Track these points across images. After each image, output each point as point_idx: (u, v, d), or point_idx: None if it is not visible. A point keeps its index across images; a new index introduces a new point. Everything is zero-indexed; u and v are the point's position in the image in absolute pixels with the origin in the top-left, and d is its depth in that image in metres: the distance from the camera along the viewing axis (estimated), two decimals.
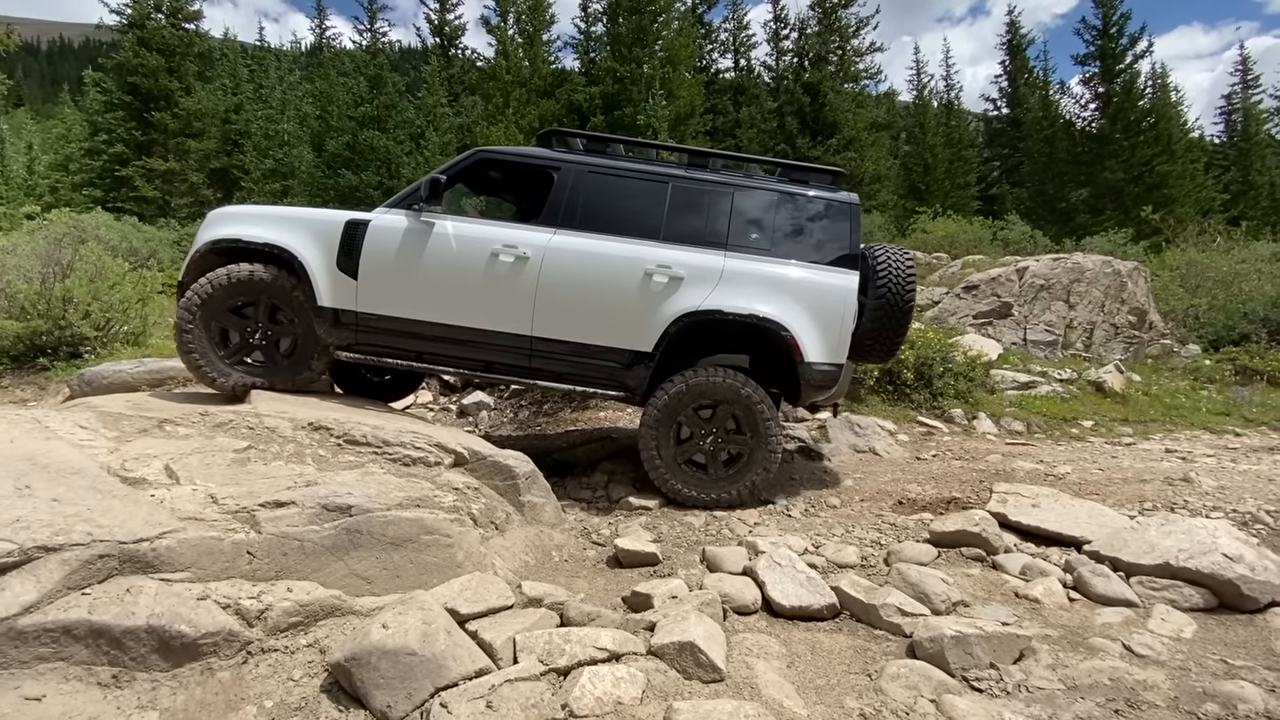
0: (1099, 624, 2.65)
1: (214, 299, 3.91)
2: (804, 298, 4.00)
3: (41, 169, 26.30)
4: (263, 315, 4.04)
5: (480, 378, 4.09)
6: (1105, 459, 5.33)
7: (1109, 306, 9.86)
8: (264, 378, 3.99)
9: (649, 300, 3.96)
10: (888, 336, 4.36)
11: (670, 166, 4.32)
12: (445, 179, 4.04)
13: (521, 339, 3.98)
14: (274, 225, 4.05)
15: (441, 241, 3.98)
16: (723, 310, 3.92)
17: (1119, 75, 24.42)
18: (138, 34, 22.00)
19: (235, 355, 4.01)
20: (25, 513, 2.13)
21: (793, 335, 3.92)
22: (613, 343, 4.00)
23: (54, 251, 7.84)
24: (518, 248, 3.96)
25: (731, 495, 4.01)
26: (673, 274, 3.96)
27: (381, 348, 4.06)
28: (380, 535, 2.59)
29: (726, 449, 4.08)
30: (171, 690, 1.96)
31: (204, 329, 3.91)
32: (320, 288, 3.96)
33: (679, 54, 21.88)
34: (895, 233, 17.91)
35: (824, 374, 4.01)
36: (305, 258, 3.95)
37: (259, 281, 3.94)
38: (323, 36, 32.72)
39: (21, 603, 1.89)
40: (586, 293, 3.97)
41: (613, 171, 4.19)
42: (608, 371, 4.04)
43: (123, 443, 3.02)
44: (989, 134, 33.93)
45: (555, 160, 4.22)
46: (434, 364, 4.10)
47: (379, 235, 3.99)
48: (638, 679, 2.03)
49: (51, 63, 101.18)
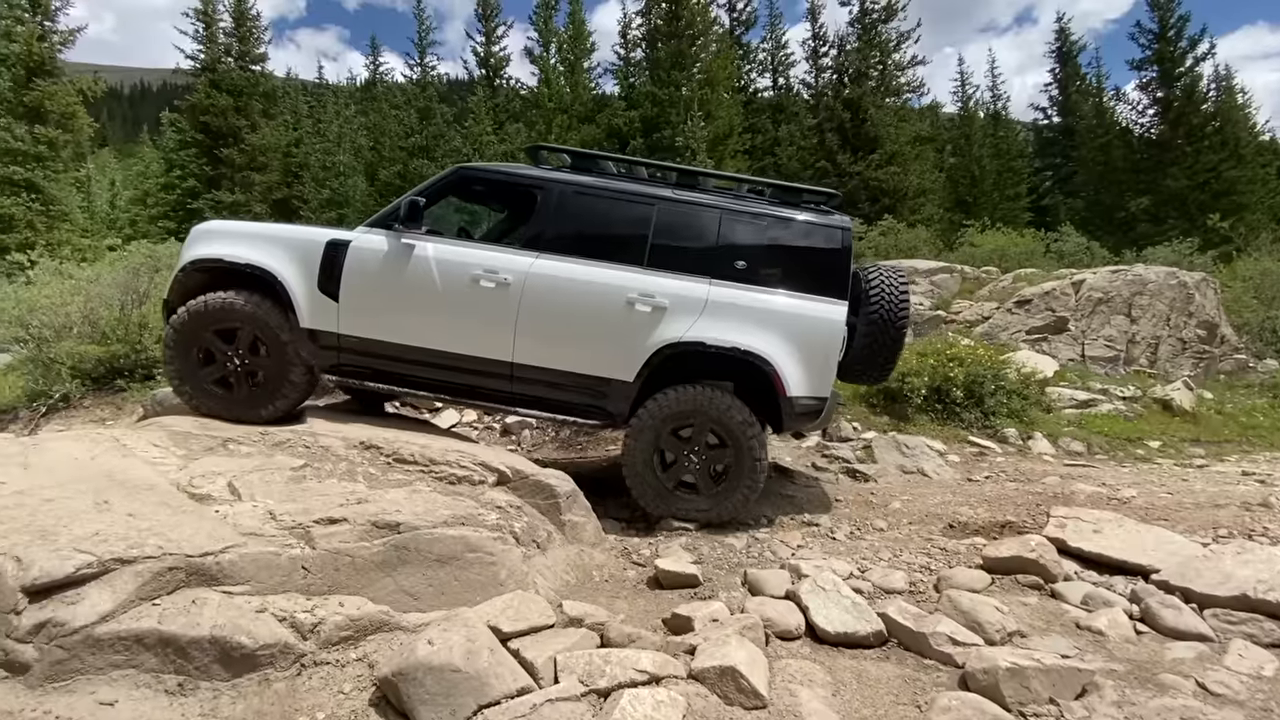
0: (1169, 659, 2.49)
1: (189, 326, 3.83)
2: (790, 330, 3.90)
3: (122, 204, 28.35)
4: (242, 344, 3.88)
5: (462, 403, 4.01)
6: (1174, 482, 5.03)
7: (1175, 320, 9.37)
8: (218, 407, 3.84)
9: (631, 329, 3.87)
10: (879, 360, 4.26)
11: (658, 186, 4.19)
12: (424, 200, 3.95)
13: (502, 365, 3.92)
14: (256, 245, 3.96)
15: (422, 265, 3.90)
16: (706, 342, 3.83)
17: (1179, 79, 23.47)
18: (210, 76, 23.64)
19: (210, 380, 3.89)
20: (103, 526, 2.28)
21: (776, 370, 3.83)
22: (594, 371, 3.92)
23: (132, 280, 8.39)
24: (499, 273, 3.87)
25: (725, 509, 3.94)
26: (656, 303, 3.87)
27: (364, 370, 3.98)
28: (427, 552, 2.66)
29: (712, 465, 3.99)
30: (231, 700, 2.04)
31: (183, 353, 3.84)
32: (302, 309, 3.86)
33: (717, 75, 22.14)
34: (941, 247, 17.48)
35: (807, 408, 3.93)
36: (286, 279, 3.85)
37: (235, 311, 3.83)
38: (376, 72, 34.38)
39: (99, 612, 2.02)
40: (567, 321, 3.89)
41: (598, 191, 4.07)
42: (589, 399, 3.98)
43: (191, 460, 3.20)
44: (1039, 143, 32.95)
45: (538, 179, 4.13)
46: (416, 388, 4.02)
47: (360, 257, 3.90)
48: (678, 703, 2.02)
49: (133, 105, 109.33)
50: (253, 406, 3.87)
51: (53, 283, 8.62)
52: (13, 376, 8.23)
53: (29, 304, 8.16)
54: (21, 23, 19.16)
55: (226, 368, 3.88)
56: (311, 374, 3.99)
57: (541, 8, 24.37)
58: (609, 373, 3.93)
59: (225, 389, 3.90)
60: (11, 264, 11.94)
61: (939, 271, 12.08)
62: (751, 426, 3.91)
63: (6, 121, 18.57)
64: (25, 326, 8.00)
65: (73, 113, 19.80)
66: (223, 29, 24.73)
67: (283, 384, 3.89)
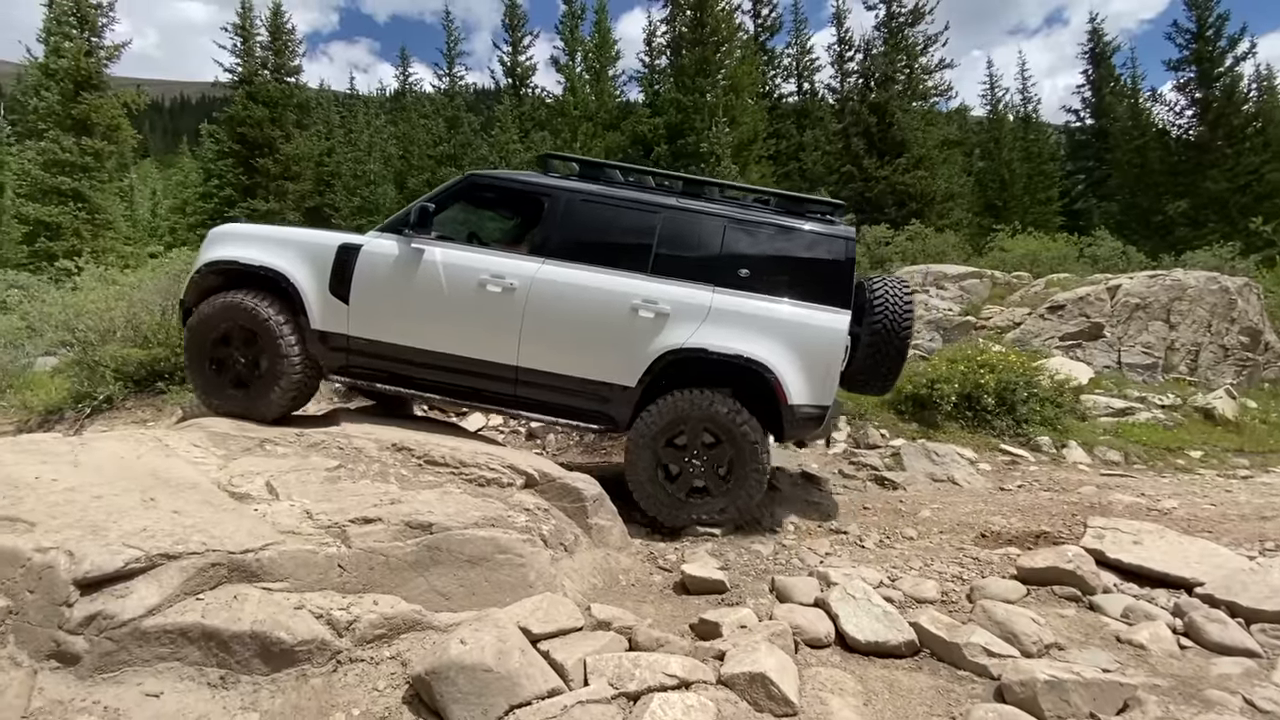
0: (1215, 675, 2.41)
1: (201, 325, 3.99)
2: (792, 338, 3.90)
3: (163, 212, 29.35)
4: (237, 343, 4.00)
5: (468, 405, 4.05)
6: (1218, 493, 4.87)
7: (1216, 326, 9.07)
8: (217, 401, 4.00)
9: (634, 335, 3.91)
10: (882, 371, 4.26)
11: (664, 195, 4.24)
12: (434, 206, 4.02)
13: (507, 368, 3.97)
14: (269, 248, 4.06)
15: (430, 270, 3.97)
16: (708, 349, 3.86)
17: (1218, 79, 22.82)
18: (246, 89, 24.35)
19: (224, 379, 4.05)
20: (150, 522, 2.36)
21: (778, 378, 3.84)
22: (597, 376, 3.96)
23: (172, 286, 8.65)
24: (505, 278, 3.94)
25: (741, 502, 3.94)
26: (659, 310, 3.90)
27: (372, 372, 4.06)
28: (458, 553, 2.69)
29: (714, 465, 3.98)
30: (270, 694, 2.09)
31: (197, 353, 4.03)
32: (313, 311, 3.96)
33: (742, 81, 22.11)
34: (970, 252, 17.19)
35: (808, 416, 3.91)
36: (298, 280, 3.96)
37: (236, 309, 3.95)
38: (406, 82, 35.06)
39: (146, 605, 2.09)
40: (571, 326, 3.94)
41: (604, 200, 4.13)
42: (592, 404, 4.02)
43: (230, 460, 3.29)
44: (1072, 146, 32.25)
45: (546, 187, 4.18)
46: (423, 390, 4.09)
47: (370, 261, 3.99)
48: (708, 708, 2.01)
49: (173, 118, 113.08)
50: (258, 402, 3.97)
51: (98, 288, 8.96)
52: (59, 379, 8.55)
53: (75, 309, 8.48)
54: (70, 39, 19.98)
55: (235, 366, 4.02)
56: (317, 373, 4.08)
57: (567, 17, 24.63)
58: (612, 378, 3.97)
59: (238, 387, 4.03)
60: (59, 270, 12.43)
61: (968, 276, 11.88)
62: (739, 414, 3.91)
63: (55, 134, 19.36)
64: (71, 330, 8.32)
65: (117, 125, 20.56)
66: (259, 43, 25.51)
67: (279, 382, 3.95)
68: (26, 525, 2.28)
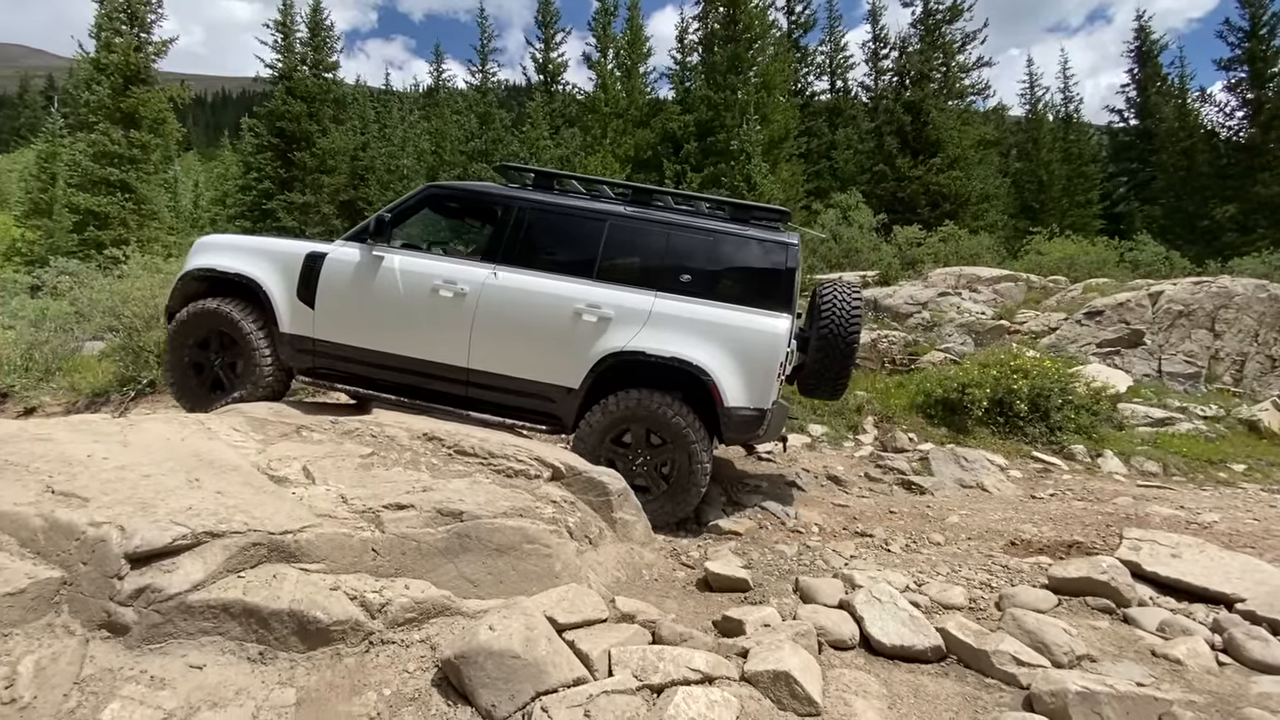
0: (1255, 693, 2.34)
1: (181, 329, 4.36)
2: (729, 341, 3.96)
3: (205, 203, 30.16)
4: (214, 346, 4.36)
5: (423, 406, 4.23)
6: (1262, 507, 4.70)
7: (1265, 336, 8.74)
8: (188, 402, 4.40)
9: (577, 339, 4.04)
10: (831, 374, 4.33)
11: (611, 204, 4.38)
12: (390, 216, 4.23)
13: (459, 370, 4.14)
14: (245, 257, 4.36)
15: (388, 275, 4.19)
16: (646, 351, 3.95)
17: (1271, 79, 21.87)
18: (285, 84, 24.88)
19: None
20: (195, 501, 2.45)
21: (714, 380, 3.90)
22: (542, 378, 4.11)
23: None
24: (456, 283, 4.13)
25: (679, 506, 4.01)
26: (601, 314, 4.03)
27: (336, 373, 4.30)
28: (487, 541, 2.74)
29: (658, 465, 4.06)
30: (306, 670, 2.16)
31: (175, 355, 4.40)
32: (282, 316, 4.24)
33: (774, 79, 21.89)
34: (1005, 254, 16.81)
35: (745, 419, 3.96)
36: (269, 287, 4.25)
37: (213, 314, 4.29)
38: (439, 79, 35.48)
39: (191, 580, 2.17)
40: (518, 329, 4.08)
41: (553, 209, 4.29)
42: (538, 405, 4.15)
43: (268, 445, 3.40)
44: (1114, 148, 31.25)
45: (497, 196, 4.38)
46: (381, 390, 4.29)
47: (334, 268, 4.23)
48: (731, 704, 2.02)
49: (215, 112, 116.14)
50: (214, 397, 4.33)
51: (143, 276, 9.27)
52: (105, 363, 8.88)
53: (121, 296, 8.80)
54: (120, 35, 20.64)
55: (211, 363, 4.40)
56: (288, 375, 4.39)
57: (600, 14, 24.66)
58: (557, 380, 4.10)
59: (215, 389, 4.41)
60: (107, 258, 12.89)
61: (1002, 279, 11.64)
62: (680, 415, 3.97)
63: (105, 126, 20.02)
64: (118, 316, 8.63)
65: (163, 118, 21.18)
66: (299, 39, 26.01)
67: (251, 383, 4.28)
68: (80, 500, 2.39)
